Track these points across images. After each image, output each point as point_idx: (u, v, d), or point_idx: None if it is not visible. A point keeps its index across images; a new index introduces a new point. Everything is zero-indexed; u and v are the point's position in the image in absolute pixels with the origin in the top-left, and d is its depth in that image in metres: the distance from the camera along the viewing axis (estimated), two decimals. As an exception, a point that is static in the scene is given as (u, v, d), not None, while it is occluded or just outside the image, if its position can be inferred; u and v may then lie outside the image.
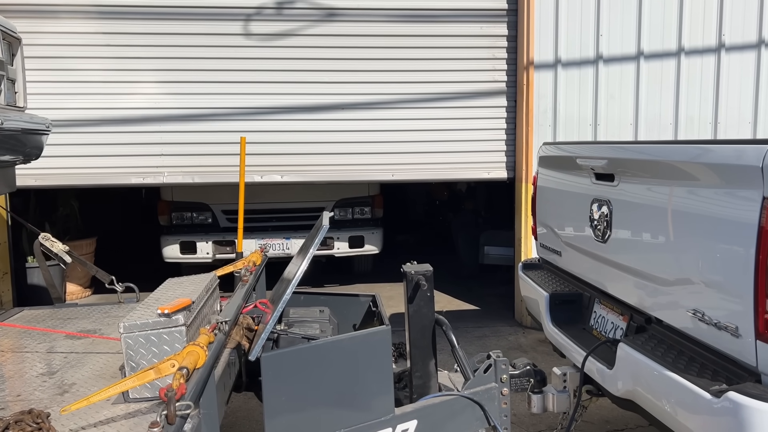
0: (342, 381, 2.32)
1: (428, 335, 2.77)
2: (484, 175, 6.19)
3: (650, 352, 2.44)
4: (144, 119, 5.75)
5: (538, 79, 5.86)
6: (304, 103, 5.90)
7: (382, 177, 6.21)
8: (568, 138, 5.90)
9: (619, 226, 2.85)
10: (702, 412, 2.08)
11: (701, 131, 6.00)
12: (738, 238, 2.06)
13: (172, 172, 5.85)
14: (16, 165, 3.86)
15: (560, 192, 3.62)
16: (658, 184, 2.59)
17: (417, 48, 5.93)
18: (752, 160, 2.02)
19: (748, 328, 2.03)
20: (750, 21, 5.94)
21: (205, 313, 2.57)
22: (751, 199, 2.01)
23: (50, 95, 5.53)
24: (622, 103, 5.97)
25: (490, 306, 6.86)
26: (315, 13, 5.81)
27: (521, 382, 2.91)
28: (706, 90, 6.00)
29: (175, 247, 7.02)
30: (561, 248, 3.62)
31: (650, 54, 5.91)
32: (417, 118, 6.02)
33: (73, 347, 2.77)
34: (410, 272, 2.76)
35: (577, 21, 5.85)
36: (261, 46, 5.80)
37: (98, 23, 5.63)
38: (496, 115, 6.10)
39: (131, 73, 5.70)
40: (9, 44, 3.75)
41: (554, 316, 3.41)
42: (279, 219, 7.19)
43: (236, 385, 2.78)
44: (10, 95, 3.74)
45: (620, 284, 2.91)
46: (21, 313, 3.40)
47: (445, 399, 2.57)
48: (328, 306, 3.35)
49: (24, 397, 2.19)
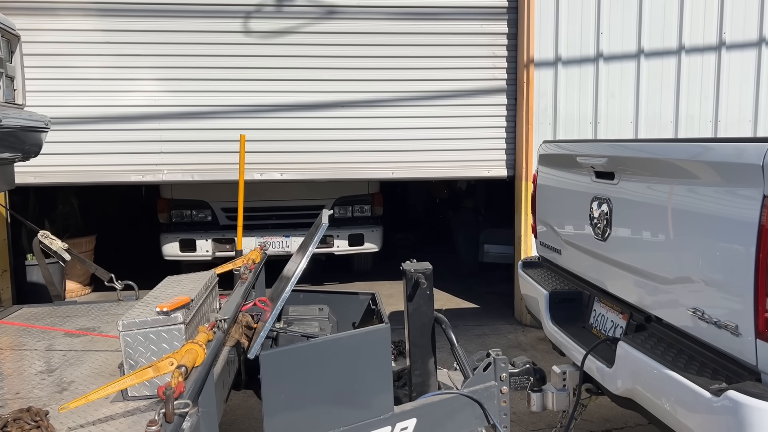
0: (341, 379, 2.31)
1: (427, 333, 2.77)
2: (484, 173, 6.18)
3: (650, 351, 2.44)
4: (143, 116, 5.74)
5: (539, 77, 5.85)
6: (303, 100, 5.89)
7: (381, 175, 6.20)
8: (569, 136, 5.89)
9: (619, 225, 2.85)
10: (702, 410, 2.08)
11: (702, 129, 5.99)
12: (738, 236, 2.06)
13: (171, 170, 5.84)
14: (15, 162, 3.85)
15: (560, 190, 3.61)
16: (658, 182, 2.58)
17: (417, 46, 5.91)
18: (752, 158, 2.01)
19: (748, 327, 2.02)
20: (751, 19, 5.93)
21: (204, 311, 2.57)
22: (752, 197, 2.00)
23: (49, 92, 5.52)
24: (623, 102, 5.96)
25: (490, 304, 6.86)
26: (315, 10, 5.80)
27: (521, 381, 2.91)
28: (706, 88, 5.98)
29: (175, 244, 7.01)
30: (561, 246, 3.61)
31: (651, 52, 5.90)
32: (417, 116, 6.01)
33: (72, 345, 2.77)
34: (409, 270, 2.76)
35: (577, 19, 5.84)
36: (261, 43, 5.79)
37: (97, 20, 5.61)
38: (496, 113, 6.09)
39: (130, 70, 5.69)
40: (8, 42, 3.74)
41: (554, 314, 3.41)
42: (279, 217, 7.18)
43: (235, 383, 2.78)
44: (9, 92, 3.73)
45: (620, 282, 2.90)
46: (20, 310, 3.40)
47: (444, 397, 2.57)
48: (328, 304, 3.35)
49: (23, 395, 2.19)
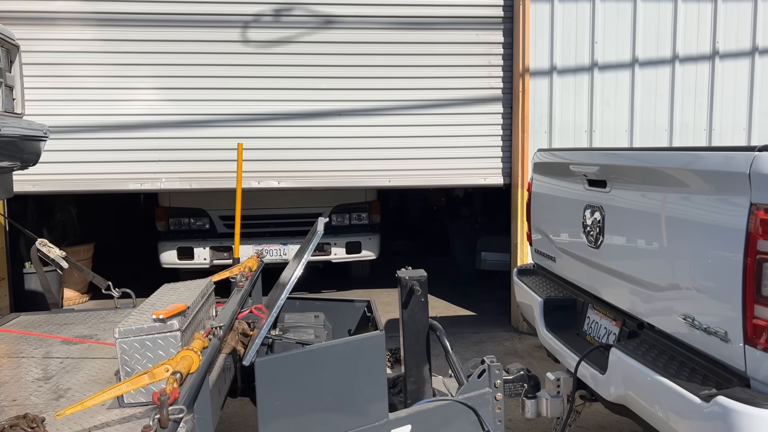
0: (336, 386, 2.33)
1: (422, 340, 2.79)
2: (481, 181, 6.22)
3: (642, 357, 2.46)
4: (142, 125, 5.78)
5: (534, 86, 5.90)
6: (301, 109, 5.93)
7: (378, 183, 6.24)
8: (564, 144, 5.93)
9: (612, 232, 2.87)
10: (692, 416, 2.10)
11: (696, 138, 6.03)
12: (726, 243, 2.09)
13: (169, 178, 5.87)
14: (13, 171, 3.88)
15: (554, 198, 3.64)
16: (649, 190, 2.61)
17: (414, 55, 5.97)
18: (740, 166, 2.04)
19: (736, 333, 2.05)
20: (743, 29, 5.99)
21: (201, 318, 2.59)
22: (739, 204, 2.03)
23: (48, 101, 5.56)
24: (618, 110, 6.01)
25: (487, 312, 6.87)
26: (312, 20, 5.85)
27: (515, 387, 2.93)
28: (700, 97, 6.04)
29: (173, 252, 7.03)
30: (555, 254, 3.64)
31: (645, 61, 5.96)
32: (414, 125, 6.05)
33: (69, 352, 2.78)
34: (404, 277, 2.78)
35: (572, 29, 5.89)
36: (259, 52, 5.84)
37: (96, 30, 5.66)
38: (492, 121, 6.14)
39: (129, 79, 5.73)
40: (7, 51, 3.78)
41: (549, 321, 3.43)
42: (276, 225, 7.20)
43: (232, 390, 2.79)
44: (8, 102, 3.76)
45: (613, 290, 2.93)
46: (18, 318, 3.42)
47: (439, 404, 2.59)
48: (324, 311, 3.37)
49: (19, 402, 2.20)
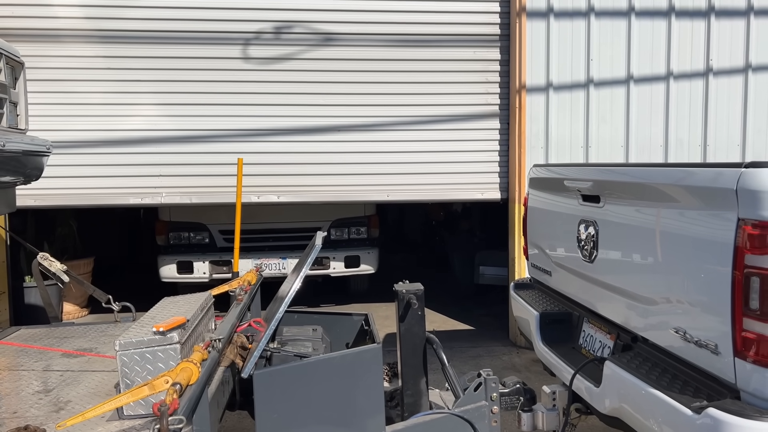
0: (333, 398, 2.36)
1: (419, 354, 2.82)
2: (478, 196, 6.27)
3: (635, 370, 2.49)
4: (143, 140, 5.84)
5: (530, 102, 5.98)
6: (300, 125, 6.00)
7: (377, 197, 6.29)
8: (561, 160, 5.99)
9: (605, 247, 2.92)
10: (684, 428, 2.12)
11: (691, 154, 6.10)
12: (716, 258, 2.13)
13: (170, 193, 5.92)
14: (16, 185, 3.93)
15: (549, 213, 3.69)
16: (642, 205, 2.66)
17: (412, 72, 6.05)
18: (728, 182, 2.09)
19: (726, 346, 2.09)
20: (737, 46, 6.08)
21: (200, 331, 2.62)
22: (728, 219, 2.08)
23: (51, 117, 5.62)
24: (614, 126, 6.08)
25: (485, 326, 6.89)
26: (312, 37, 5.94)
27: (511, 401, 2.95)
28: (695, 113, 6.11)
29: (172, 266, 7.05)
30: (551, 268, 3.68)
31: (640, 78, 6.04)
32: (412, 140, 6.12)
33: (69, 365, 2.81)
34: (401, 291, 2.82)
35: (567, 46, 5.98)
36: (259, 69, 5.91)
37: (99, 47, 5.74)
38: (489, 137, 6.20)
39: (131, 95, 5.80)
40: (12, 68, 3.85)
41: (545, 335, 3.46)
42: (275, 239, 7.23)
43: (230, 403, 2.81)
44: (12, 118, 3.82)
45: (607, 303, 2.96)
46: (18, 332, 3.45)
47: (435, 417, 2.61)
48: (322, 325, 3.40)
49: (20, 414, 2.23)
